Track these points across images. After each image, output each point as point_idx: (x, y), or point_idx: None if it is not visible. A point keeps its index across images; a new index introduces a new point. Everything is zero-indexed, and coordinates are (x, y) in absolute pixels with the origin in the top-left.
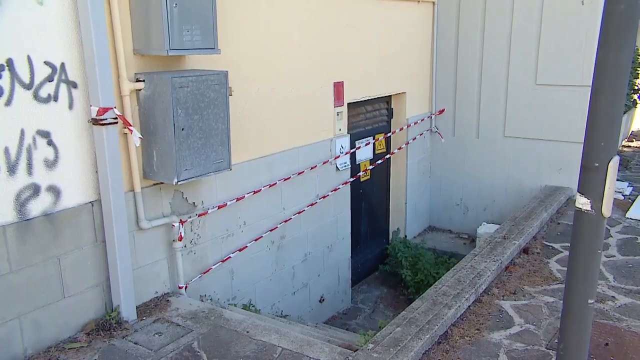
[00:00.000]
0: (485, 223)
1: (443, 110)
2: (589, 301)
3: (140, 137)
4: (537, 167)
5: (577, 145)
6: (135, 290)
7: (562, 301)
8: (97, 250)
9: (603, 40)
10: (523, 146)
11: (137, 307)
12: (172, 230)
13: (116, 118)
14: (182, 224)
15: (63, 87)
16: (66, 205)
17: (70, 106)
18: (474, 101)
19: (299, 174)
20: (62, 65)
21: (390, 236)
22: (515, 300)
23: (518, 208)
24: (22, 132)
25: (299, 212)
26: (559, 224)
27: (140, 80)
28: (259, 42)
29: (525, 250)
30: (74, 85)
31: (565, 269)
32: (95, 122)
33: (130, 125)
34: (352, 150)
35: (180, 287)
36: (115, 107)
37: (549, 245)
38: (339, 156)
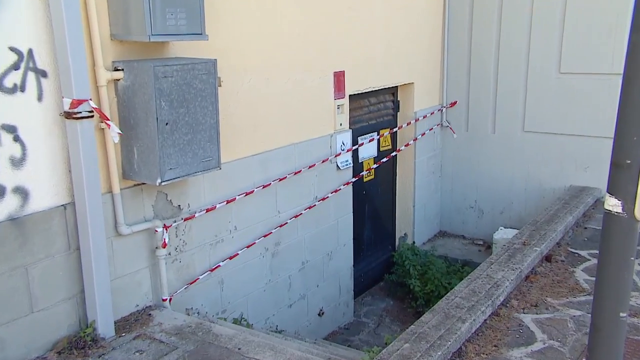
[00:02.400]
0: (502, 228)
1: (455, 103)
2: (621, 315)
3: (119, 133)
4: (560, 165)
5: (606, 141)
6: (113, 303)
7: (590, 315)
8: (70, 259)
9: (636, 23)
10: (545, 142)
11: (115, 322)
12: (154, 236)
13: (92, 111)
14: (166, 229)
15: (31, 76)
16: (35, 209)
17: (40, 98)
18: (489, 92)
19: (296, 173)
20: (30, 51)
21: (397, 242)
22: (537, 313)
23: (539, 211)
24: None
25: (296, 216)
26: (585, 228)
27: (119, 69)
28: (250, 27)
29: (547, 258)
30: (44, 74)
31: (594, 278)
32: (68, 115)
33: (108, 119)
34: (354, 147)
35: (164, 300)
36: (90, 99)
37: (575, 252)
38: (339, 154)
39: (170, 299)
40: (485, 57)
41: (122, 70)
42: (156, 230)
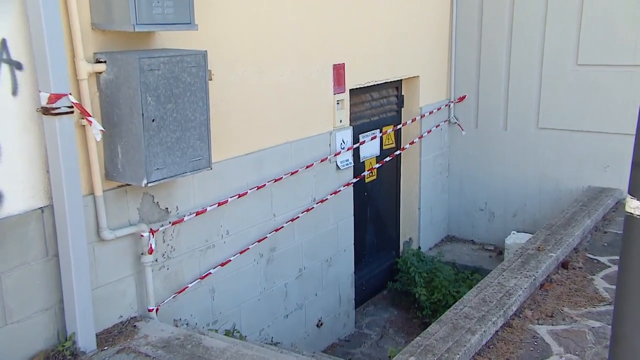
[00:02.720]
0: (515, 232)
1: (464, 97)
2: None
3: (101, 130)
4: (578, 165)
5: (628, 138)
6: (95, 314)
7: (610, 326)
8: (48, 267)
9: None
10: (561, 139)
11: (97, 335)
12: (140, 241)
13: (71, 106)
14: (153, 234)
15: (5, 69)
16: (9, 212)
17: (14, 92)
18: (501, 86)
19: (292, 173)
20: (3, 41)
21: (401, 248)
22: (552, 324)
23: (555, 214)
24: None
25: (293, 220)
26: (605, 232)
27: (101, 61)
28: (243, 17)
29: (564, 265)
30: (19, 66)
31: (614, 287)
32: (45, 111)
33: (89, 116)
34: (355, 146)
35: (150, 310)
36: (70, 94)
37: (594, 259)
38: (339, 152)
39: (157, 309)
40: (497, 48)
41: (105, 62)
42: (142, 235)
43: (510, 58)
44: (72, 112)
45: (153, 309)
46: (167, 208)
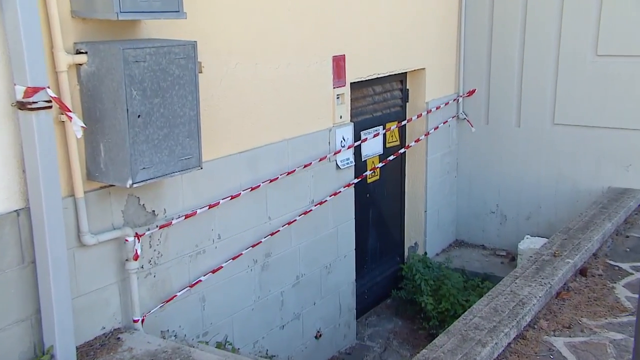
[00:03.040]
0: (528, 236)
1: (473, 91)
2: None
3: (82, 126)
4: (597, 164)
5: None
6: (75, 325)
7: (633, 338)
8: (24, 274)
9: None
10: (579, 136)
11: (77, 348)
12: (124, 246)
13: (50, 101)
14: (138, 239)
15: None
16: None
17: None
18: (513, 78)
19: (289, 173)
20: None
21: (406, 253)
22: (570, 336)
23: (572, 216)
24: None
25: (289, 223)
26: (627, 237)
27: (82, 52)
28: (236, 5)
29: (582, 272)
30: None
31: (637, 296)
32: (21, 106)
33: (69, 111)
34: (356, 144)
35: (135, 321)
36: (48, 87)
37: (615, 265)
38: (339, 151)
39: (142, 320)
40: (509, 37)
41: (86, 53)
42: (126, 240)
43: (524, 48)
44: (50, 107)
45: (138, 320)
46: (153, 211)
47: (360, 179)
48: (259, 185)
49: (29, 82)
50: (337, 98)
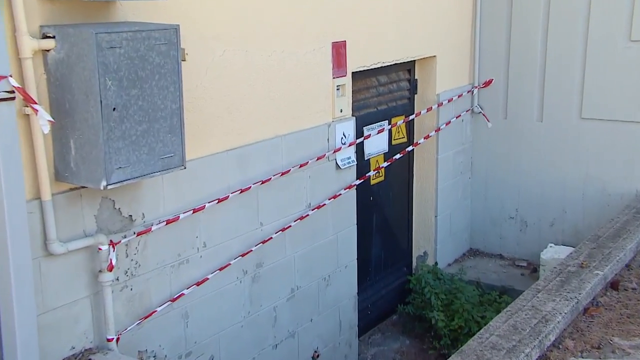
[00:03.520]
0: (552, 244)
1: (490, 82)
2: None
3: (50, 121)
4: (630, 163)
5: None
6: (41, 345)
7: None
8: None
9: None
10: (609, 132)
11: None
12: (97, 255)
13: (12, 91)
14: (114, 247)
15: None
16: None
17: None
18: (535, 67)
19: (283, 174)
20: None
21: (414, 263)
22: (600, 357)
23: (602, 222)
24: None
25: (283, 229)
26: None
27: (49, 37)
28: None
29: (614, 285)
30: None
31: None
32: None
33: (35, 103)
34: (358, 141)
35: (109, 340)
36: (10, 76)
37: None
38: (339, 148)
39: (117, 339)
40: (531, 21)
41: (54, 37)
42: (100, 249)
43: (548, 33)
44: (13, 99)
45: (113, 339)
46: (131, 215)
47: (362, 180)
48: (250, 187)
49: None
50: (337, 89)
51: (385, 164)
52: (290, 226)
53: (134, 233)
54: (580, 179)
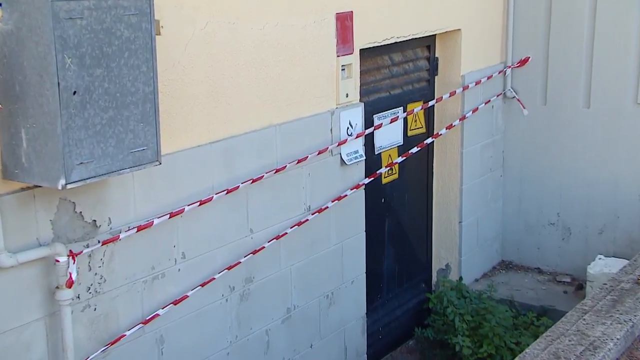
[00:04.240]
0: (601, 256)
1: (526, 61)
2: None
3: None
4: None
5: None
6: None
7: None
8: None
9: None
10: None
11: None
12: (54, 269)
13: None
14: (74, 259)
15: None
16: None
17: None
18: (581, 43)
19: (277, 171)
20: None
21: (435, 278)
22: None
23: None
24: None
25: (278, 237)
26: None
27: None
28: None
29: None
30: None
31: None
32: None
33: None
34: (367, 131)
35: None
36: None
37: None
38: (345, 141)
39: None
40: None
41: (0, 6)
42: (57, 260)
43: (597, 2)
44: None
45: None
46: (95, 221)
47: (372, 179)
48: (238, 187)
49: None
50: (342, 70)
51: (400, 159)
52: (285, 233)
53: (99, 242)
54: (635, 177)
